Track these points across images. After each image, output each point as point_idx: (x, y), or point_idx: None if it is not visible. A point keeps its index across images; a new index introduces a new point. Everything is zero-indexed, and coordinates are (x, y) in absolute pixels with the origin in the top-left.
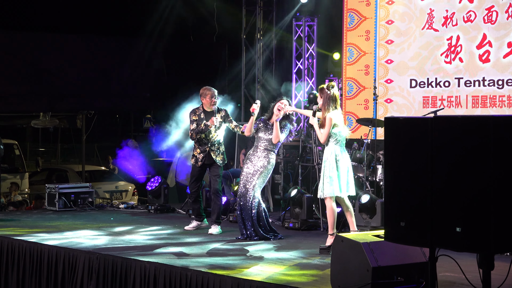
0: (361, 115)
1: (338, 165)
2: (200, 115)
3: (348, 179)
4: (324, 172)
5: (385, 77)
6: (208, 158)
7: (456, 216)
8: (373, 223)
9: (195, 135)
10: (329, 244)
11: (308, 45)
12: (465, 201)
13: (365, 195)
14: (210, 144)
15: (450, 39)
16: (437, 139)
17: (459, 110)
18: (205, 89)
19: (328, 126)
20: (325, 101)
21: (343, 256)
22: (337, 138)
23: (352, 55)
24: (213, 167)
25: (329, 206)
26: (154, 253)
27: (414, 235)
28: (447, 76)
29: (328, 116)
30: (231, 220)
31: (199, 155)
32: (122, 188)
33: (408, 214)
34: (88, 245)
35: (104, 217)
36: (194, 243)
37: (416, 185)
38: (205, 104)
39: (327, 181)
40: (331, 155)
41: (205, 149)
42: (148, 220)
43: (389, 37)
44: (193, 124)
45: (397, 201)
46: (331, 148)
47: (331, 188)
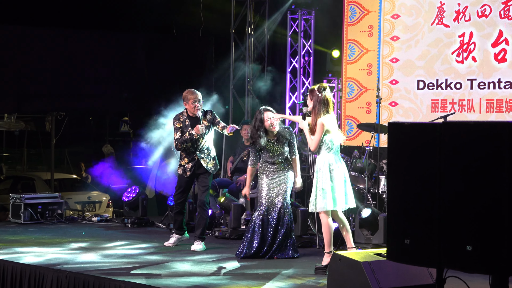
0: (363, 119)
1: (332, 176)
2: (185, 122)
3: (346, 190)
4: (316, 184)
5: (389, 77)
6: (198, 166)
7: (466, 233)
8: (374, 240)
9: (180, 145)
10: (325, 263)
11: (305, 41)
12: (477, 217)
13: (366, 209)
14: (198, 151)
15: (462, 36)
16: (446, 147)
17: (471, 115)
18: (187, 93)
19: (319, 133)
20: (316, 104)
21: (341, 276)
22: (329, 146)
23: (353, 52)
24: (202, 176)
25: (325, 221)
26: (130, 272)
27: (420, 253)
28: (458, 77)
29: (319, 122)
30: (217, 235)
31: (187, 165)
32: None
33: (414, 230)
34: (57, 262)
35: (75, 231)
36: (175, 261)
37: (423, 198)
38: (188, 110)
39: (320, 194)
40: (324, 165)
41: (194, 158)
42: (124, 234)
43: (394, 33)
44: (178, 132)
45: (401, 216)
46: (323, 156)
47: (324, 201)
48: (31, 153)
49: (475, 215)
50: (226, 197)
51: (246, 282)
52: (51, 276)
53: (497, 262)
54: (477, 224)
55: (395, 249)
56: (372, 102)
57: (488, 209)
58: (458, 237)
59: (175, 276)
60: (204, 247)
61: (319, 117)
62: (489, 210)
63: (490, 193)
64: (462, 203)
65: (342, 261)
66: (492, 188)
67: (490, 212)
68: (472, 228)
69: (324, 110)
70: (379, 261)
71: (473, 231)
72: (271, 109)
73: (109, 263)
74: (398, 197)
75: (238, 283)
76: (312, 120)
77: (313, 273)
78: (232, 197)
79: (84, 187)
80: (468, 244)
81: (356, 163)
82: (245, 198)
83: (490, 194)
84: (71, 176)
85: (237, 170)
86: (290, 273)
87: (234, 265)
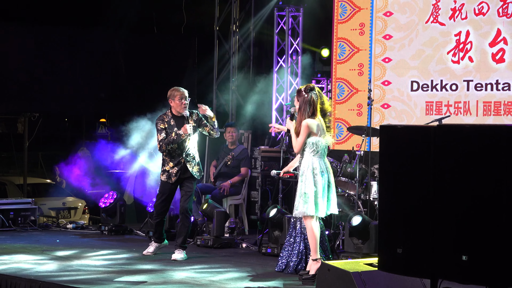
0: (353, 122)
1: (315, 180)
2: (170, 122)
3: (329, 196)
4: (300, 188)
5: (382, 78)
6: (184, 171)
7: (462, 242)
8: (365, 249)
9: (165, 146)
10: (312, 271)
11: (292, 40)
12: (474, 225)
13: (356, 217)
14: (184, 154)
15: (459, 34)
16: (441, 152)
17: (468, 118)
18: (173, 90)
19: (303, 134)
20: (301, 105)
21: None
22: (314, 149)
23: (344, 52)
24: (187, 181)
25: (309, 226)
26: (107, 282)
27: (413, 263)
28: (454, 78)
29: (304, 123)
30: (199, 244)
31: (172, 169)
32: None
33: (406, 239)
34: (29, 271)
35: (49, 239)
36: (154, 271)
37: (416, 205)
38: (175, 108)
39: (301, 198)
40: (308, 169)
41: (180, 161)
42: (100, 242)
43: (387, 31)
44: (162, 133)
45: (393, 223)
46: (308, 160)
47: (305, 206)
48: (3, 156)
49: (471, 223)
50: (209, 204)
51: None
52: (23, 286)
53: (494, 273)
54: (473, 232)
55: (387, 259)
56: (363, 104)
57: (485, 217)
58: (453, 246)
59: (154, 286)
60: (185, 256)
61: (304, 119)
62: (487, 218)
63: (487, 200)
64: (458, 211)
65: (331, 271)
66: (490, 195)
67: (488, 220)
68: (468, 237)
69: (309, 111)
70: (370, 272)
71: (469, 240)
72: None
73: (85, 273)
74: (390, 204)
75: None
76: (298, 121)
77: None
78: (215, 204)
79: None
80: (464, 253)
81: (346, 168)
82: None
83: (487, 201)
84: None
85: (221, 175)
86: (276, 284)
87: (216, 276)
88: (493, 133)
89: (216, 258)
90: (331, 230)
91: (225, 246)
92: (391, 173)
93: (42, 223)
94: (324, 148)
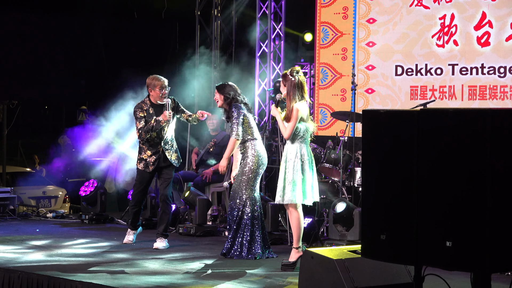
0: (337, 107)
1: (303, 168)
2: (149, 110)
3: (313, 183)
4: (285, 175)
5: (365, 62)
6: (163, 159)
7: (446, 228)
8: (350, 236)
9: (144, 134)
10: (293, 259)
11: (275, 24)
12: (457, 210)
13: (340, 203)
14: (163, 143)
15: (443, 18)
16: (424, 136)
17: (453, 102)
18: (153, 79)
19: (294, 119)
20: (290, 89)
21: (313, 275)
22: (302, 135)
23: (327, 36)
24: (165, 169)
25: (294, 214)
26: (87, 271)
27: (396, 250)
28: (439, 62)
29: (294, 107)
30: (181, 232)
31: (150, 158)
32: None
33: (390, 225)
34: (8, 261)
35: (29, 228)
36: (135, 259)
37: (399, 190)
38: (154, 97)
39: (289, 186)
40: (296, 155)
41: (158, 150)
42: (81, 232)
43: (370, 15)
44: (141, 121)
45: (376, 210)
46: (296, 146)
47: (292, 194)
48: None
49: (455, 208)
50: (191, 191)
51: (212, 282)
52: (1, 276)
53: (479, 259)
54: (457, 217)
55: (370, 246)
56: (347, 89)
57: (469, 201)
58: (437, 232)
59: (136, 275)
60: (167, 244)
61: (294, 102)
62: (470, 202)
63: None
64: (441, 195)
65: (314, 258)
66: (473, 179)
67: (471, 205)
68: (451, 222)
69: (299, 95)
70: (354, 259)
71: (453, 225)
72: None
73: (65, 262)
74: (373, 190)
75: (203, 282)
76: (288, 107)
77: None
78: (198, 191)
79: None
80: (448, 239)
81: (330, 154)
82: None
83: (471, 186)
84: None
85: (203, 162)
86: (258, 272)
87: (199, 265)
88: (477, 117)
89: (198, 247)
90: (315, 217)
91: (208, 234)
92: (374, 159)
93: (21, 212)
94: (309, 134)
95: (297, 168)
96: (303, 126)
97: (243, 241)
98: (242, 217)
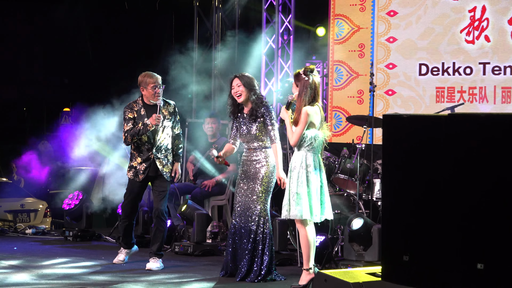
0: (354, 111)
1: (309, 179)
2: (140, 111)
3: (323, 199)
4: (289, 187)
5: (385, 60)
6: (153, 168)
7: (480, 248)
8: (367, 256)
9: (130, 138)
10: (304, 282)
11: (283, 17)
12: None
13: (357, 220)
14: (155, 149)
15: (473, 10)
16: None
17: (484, 105)
18: (145, 76)
19: (302, 124)
20: (302, 89)
21: None
22: (311, 143)
23: (342, 30)
24: (158, 180)
25: (302, 232)
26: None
27: (422, 273)
28: (468, 61)
29: (303, 111)
30: (177, 251)
31: (140, 166)
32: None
33: (414, 244)
34: None
35: (5, 246)
36: (125, 282)
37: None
38: (147, 96)
39: (293, 199)
40: (301, 164)
41: (149, 157)
42: (64, 250)
43: (391, 6)
44: (129, 123)
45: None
46: (301, 154)
47: (297, 208)
48: None
49: (488, 225)
50: (189, 205)
51: None
52: None
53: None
54: (490, 236)
55: (392, 268)
56: (365, 90)
57: (504, 218)
58: (468, 253)
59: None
60: (161, 265)
61: (304, 105)
62: (505, 219)
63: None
64: (473, 210)
65: (328, 282)
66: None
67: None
68: (487, 242)
69: (310, 97)
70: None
71: (488, 245)
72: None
73: (46, 285)
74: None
75: None
76: (297, 109)
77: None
78: (196, 205)
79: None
80: (479, 261)
81: (346, 164)
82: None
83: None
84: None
85: (201, 172)
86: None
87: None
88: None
89: (196, 267)
90: (329, 235)
91: (207, 254)
92: (396, 169)
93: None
94: (321, 143)
95: (301, 179)
96: (312, 133)
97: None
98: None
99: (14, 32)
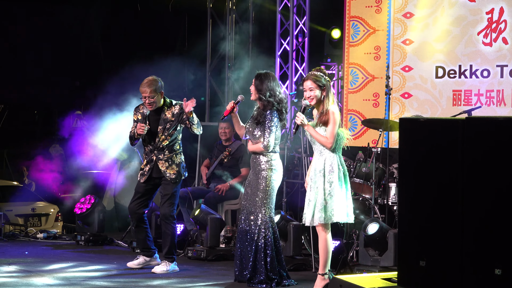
0: (369, 114)
1: (343, 180)
2: (143, 114)
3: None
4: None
5: (401, 63)
6: (156, 170)
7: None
8: (383, 261)
9: (129, 140)
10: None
11: (298, 19)
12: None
13: (372, 224)
14: (156, 151)
15: (491, 12)
16: (470, 148)
17: (502, 109)
18: (140, 86)
19: (335, 123)
20: (329, 90)
21: None
22: (339, 144)
23: (358, 32)
24: (163, 183)
25: (323, 236)
26: None
27: (439, 279)
28: (486, 63)
29: (331, 110)
30: (190, 256)
31: (145, 167)
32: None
33: (431, 249)
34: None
35: (16, 251)
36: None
37: (442, 210)
38: None
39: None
40: (339, 167)
41: (152, 158)
42: (76, 255)
43: (407, 8)
44: (132, 125)
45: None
46: (336, 156)
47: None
48: None
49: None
50: (202, 209)
51: None
52: None
53: None
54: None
55: (408, 273)
56: (381, 93)
57: None
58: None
59: None
60: (171, 268)
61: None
62: None
63: None
64: (491, 214)
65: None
66: None
67: None
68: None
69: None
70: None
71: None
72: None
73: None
74: (412, 209)
75: None
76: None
77: None
78: (209, 209)
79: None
80: (497, 266)
81: (361, 168)
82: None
83: None
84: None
85: (215, 176)
86: None
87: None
88: None
89: (209, 272)
90: (344, 240)
91: (220, 258)
92: (413, 173)
93: (8, 232)
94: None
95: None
96: (340, 132)
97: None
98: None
99: (23, 37)
